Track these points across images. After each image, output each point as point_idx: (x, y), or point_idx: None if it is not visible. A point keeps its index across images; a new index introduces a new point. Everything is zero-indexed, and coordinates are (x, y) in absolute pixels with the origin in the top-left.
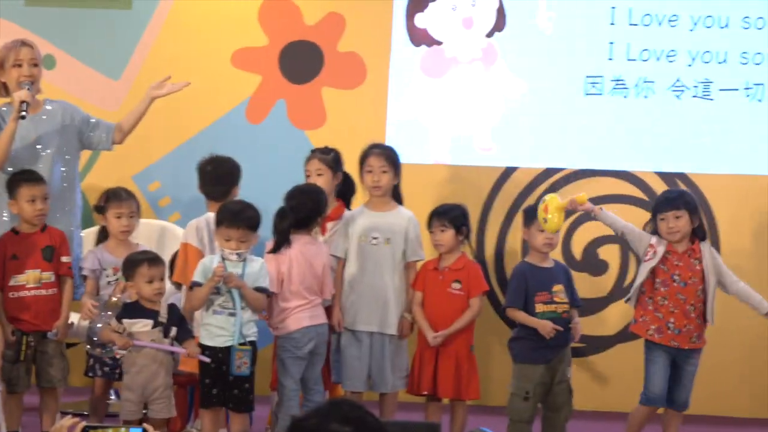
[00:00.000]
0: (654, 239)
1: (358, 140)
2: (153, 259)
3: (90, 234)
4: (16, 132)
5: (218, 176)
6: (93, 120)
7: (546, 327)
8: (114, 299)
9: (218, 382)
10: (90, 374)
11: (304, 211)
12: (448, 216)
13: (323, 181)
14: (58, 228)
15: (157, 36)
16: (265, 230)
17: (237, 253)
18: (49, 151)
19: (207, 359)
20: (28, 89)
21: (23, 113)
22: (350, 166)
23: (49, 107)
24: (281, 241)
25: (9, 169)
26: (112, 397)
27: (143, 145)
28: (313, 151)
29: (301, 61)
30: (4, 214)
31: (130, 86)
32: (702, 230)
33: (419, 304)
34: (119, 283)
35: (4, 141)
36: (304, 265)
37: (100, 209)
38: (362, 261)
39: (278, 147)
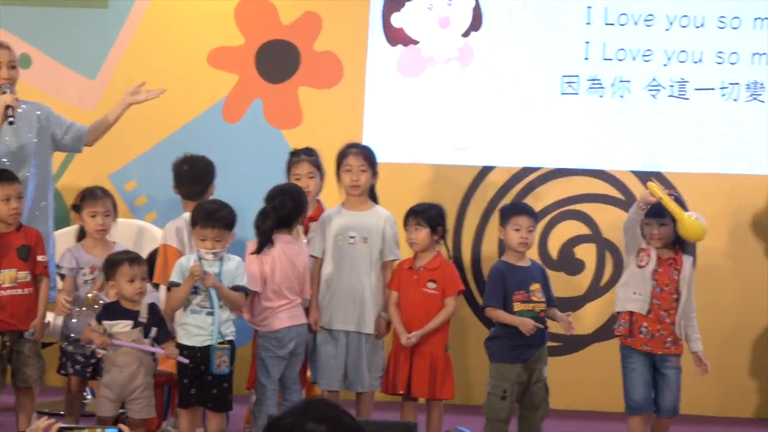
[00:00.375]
0: (644, 243)
1: (334, 140)
2: (134, 259)
3: (68, 234)
4: None
5: (194, 176)
6: (67, 123)
7: (527, 324)
8: (90, 295)
9: (196, 381)
10: (62, 372)
11: (285, 210)
12: (425, 215)
13: (314, 183)
14: (33, 227)
15: (134, 35)
16: (242, 229)
17: (213, 253)
18: (28, 150)
19: (186, 360)
20: (10, 92)
21: (11, 118)
22: (327, 166)
23: (23, 108)
24: (264, 242)
25: None
26: (89, 396)
27: (119, 144)
28: (297, 153)
29: (277, 61)
30: None
31: (106, 85)
32: (683, 242)
33: (395, 304)
34: (96, 281)
35: None
36: (287, 264)
37: (77, 208)
38: (339, 260)
39: (255, 146)
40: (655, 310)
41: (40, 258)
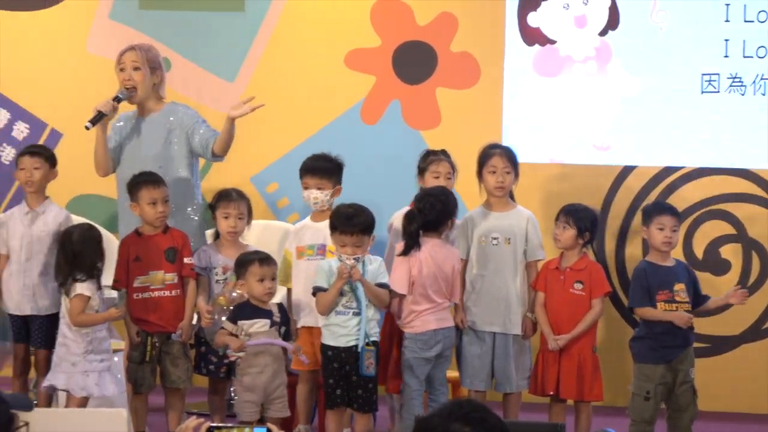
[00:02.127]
0: None
1: (473, 140)
2: (264, 259)
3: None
4: (143, 130)
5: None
6: (200, 129)
7: (683, 318)
8: (221, 298)
9: (342, 382)
10: (196, 372)
11: (432, 213)
12: (575, 216)
13: (451, 183)
14: (180, 229)
15: (270, 37)
16: (381, 230)
17: (354, 258)
18: (157, 152)
19: (305, 360)
20: (117, 99)
21: (88, 123)
22: (465, 167)
23: (165, 110)
24: (411, 244)
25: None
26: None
27: (261, 147)
28: (436, 153)
29: (414, 62)
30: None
31: (245, 88)
32: None
33: (542, 305)
34: (228, 282)
35: (98, 148)
36: (434, 267)
37: (212, 208)
38: (483, 261)
39: (393, 147)
40: None
41: (186, 260)
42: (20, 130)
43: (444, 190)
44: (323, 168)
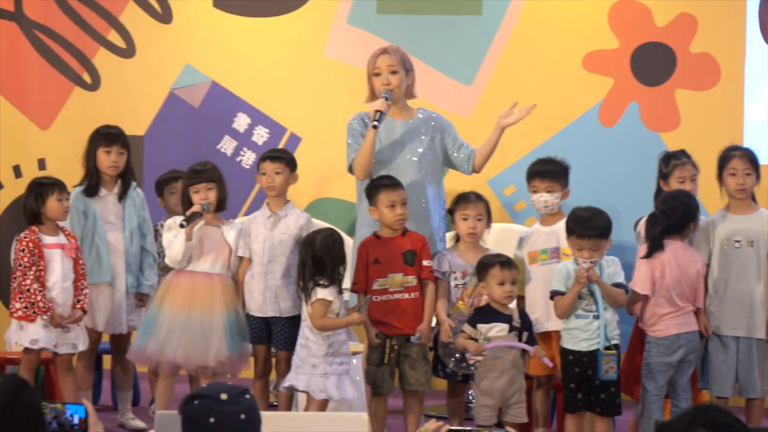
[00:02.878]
0: None
1: (713, 143)
2: (506, 262)
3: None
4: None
5: None
6: (459, 141)
7: None
8: (460, 303)
9: (583, 386)
10: (435, 375)
11: (675, 216)
12: None
13: (696, 185)
14: (420, 233)
15: (508, 40)
16: (620, 233)
17: (591, 262)
18: (413, 158)
19: (550, 363)
20: (386, 98)
21: (375, 123)
22: (705, 170)
23: (421, 116)
24: (654, 246)
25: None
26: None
27: (498, 150)
28: (677, 157)
29: (653, 63)
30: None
31: (482, 91)
32: None
33: None
34: (467, 287)
35: (365, 149)
36: (677, 270)
37: (450, 212)
38: (726, 265)
39: (632, 150)
40: None
41: (425, 262)
42: (260, 135)
43: (686, 193)
44: (552, 171)
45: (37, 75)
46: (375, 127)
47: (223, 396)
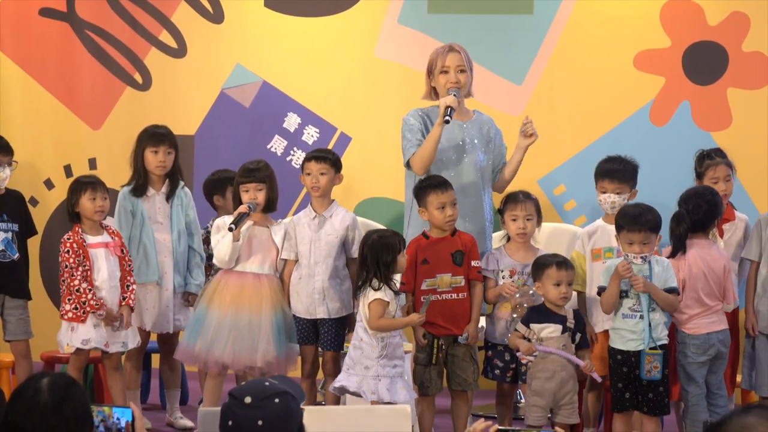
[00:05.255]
0: None
1: (765, 141)
2: (562, 262)
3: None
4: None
5: None
6: (504, 150)
7: None
8: (514, 299)
9: (631, 385)
10: (483, 375)
11: (699, 213)
12: None
13: (731, 186)
14: (471, 233)
15: (559, 40)
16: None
17: (641, 257)
18: (469, 158)
19: (599, 379)
20: (455, 95)
21: (447, 118)
22: (757, 168)
23: (478, 118)
24: (678, 246)
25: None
26: (522, 400)
27: (547, 149)
28: (710, 157)
29: (705, 62)
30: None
31: (533, 91)
32: None
33: None
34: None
35: (431, 144)
36: (704, 268)
37: (500, 211)
38: None
39: (683, 149)
40: None
41: (474, 263)
42: (310, 134)
43: (710, 190)
44: (622, 171)
45: (88, 75)
46: (447, 122)
47: (248, 399)
